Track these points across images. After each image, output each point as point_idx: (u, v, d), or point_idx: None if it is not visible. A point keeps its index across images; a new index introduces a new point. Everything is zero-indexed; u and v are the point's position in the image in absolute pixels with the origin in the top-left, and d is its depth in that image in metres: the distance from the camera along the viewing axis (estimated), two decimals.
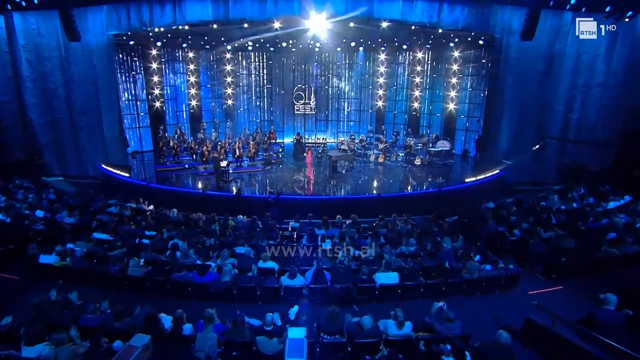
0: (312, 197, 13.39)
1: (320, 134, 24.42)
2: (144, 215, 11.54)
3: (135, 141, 20.67)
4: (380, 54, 22.62)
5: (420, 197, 14.13)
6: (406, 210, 13.34)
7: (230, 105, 23.42)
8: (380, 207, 13.35)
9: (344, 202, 13.31)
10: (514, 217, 11.24)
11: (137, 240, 8.80)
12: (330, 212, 12.54)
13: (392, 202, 13.53)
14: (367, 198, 13.42)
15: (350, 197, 13.52)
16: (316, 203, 12.94)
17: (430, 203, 14.06)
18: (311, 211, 12.47)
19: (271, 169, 17.88)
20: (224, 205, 12.79)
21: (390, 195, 13.74)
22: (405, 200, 13.86)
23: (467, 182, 15.60)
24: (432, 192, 14.32)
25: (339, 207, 12.95)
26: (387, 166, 18.25)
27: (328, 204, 13.05)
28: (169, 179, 15.98)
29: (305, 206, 12.79)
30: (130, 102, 20.27)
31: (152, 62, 20.32)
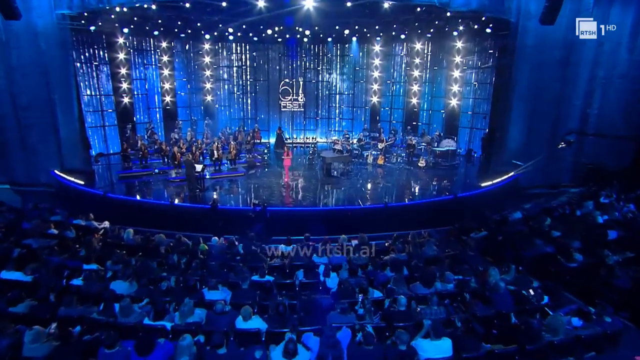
0: (306, 209, 10.85)
1: (310, 133, 21.87)
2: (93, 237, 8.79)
3: (100, 142, 17.75)
4: (375, 45, 20.19)
5: (432, 206, 11.75)
6: (417, 222, 11.02)
7: (209, 102, 20.63)
8: (387, 219, 10.94)
9: (344, 215, 10.81)
10: (556, 231, 8.98)
11: (65, 281, 6.08)
12: (328, 227, 10.08)
13: (401, 213, 11.13)
14: (372, 209, 10.93)
15: (351, 208, 10.97)
16: (310, 216, 10.43)
17: (444, 213, 11.72)
18: (305, 226, 9.96)
19: (255, 173, 15.25)
20: (196, 221, 10.16)
21: (399, 205, 11.31)
22: (415, 211, 11.46)
23: (483, 187, 13.32)
24: (447, 200, 11.97)
25: (339, 221, 10.47)
26: (387, 169, 15.83)
27: (325, 217, 10.54)
28: (132, 187, 13.20)
29: (297, 220, 10.27)
30: (93, 97, 17.35)
31: (119, 52, 17.41)
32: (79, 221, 9.29)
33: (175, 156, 13.72)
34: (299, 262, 7.23)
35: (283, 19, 15.44)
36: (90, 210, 10.46)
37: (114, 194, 11.80)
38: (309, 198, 12.13)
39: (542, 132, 15.18)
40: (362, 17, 16.02)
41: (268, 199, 11.70)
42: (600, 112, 15.24)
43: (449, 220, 11.50)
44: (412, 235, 8.64)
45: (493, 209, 13.09)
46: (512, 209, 13.05)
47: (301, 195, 12.45)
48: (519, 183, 15.05)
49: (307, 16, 14.34)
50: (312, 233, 10.00)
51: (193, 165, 11.95)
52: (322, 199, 12.03)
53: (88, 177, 14.00)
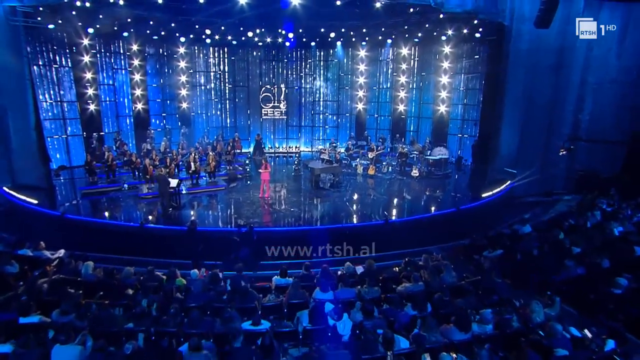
0: (297, 229, 9.45)
1: (293, 142, 20.53)
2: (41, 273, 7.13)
3: (62, 154, 15.77)
4: (360, 50, 19.16)
5: (435, 220, 10.64)
6: (420, 238, 9.90)
7: (184, 109, 18.95)
8: (389, 236, 9.74)
9: (341, 233, 9.50)
10: (576, 247, 8.04)
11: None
12: (323, 248, 8.79)
13: (403, 229, 9.95)
14: (371, 226, 9.68)
15: (349, 227, 9.65)
16: (303, 237, 9.05)
17: (447, 227, 10.64)
18: (297, 248, 8.65)
19: (237, 186, 13.73)
20: (172, 245, 8.61)
21: (401, 221, 10.13)
22: (417, 226, 10.30)
23: (484, 198, 12.38)
24: (449, 213, 10.90)
25: (335, 241, 9.17)
26: (379, 179, 14.66)
27: (319, 236, 9.19)
28: (97, 205, 11.45)
29: (288, 242, 8.89)
30: (54, 104, 15.40)
31: (84, 55, 15.55)
32: (26, 251, 7.56)
33: (147, 169, 11.99)
34: (299, 299, 5.86)
35: (267, 20, 14.19)
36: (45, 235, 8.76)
37: (74, 215, 10.03)
38: (299, 215, 10.77)
39: (535, 138, 14.53)
40: (350, 18, 14.95)
41: (253, 218, 10.26)
42: (592, 118, 14.76)
43: (453, 236, 10.46)
44: (425, 258, 7.45)
45: (494, 221, 12.23)
46: (518, 221, 12.27)
47: (289, 211, 11.05)
48: (513, 192, 14.31)
49: (292, 16, 13.16)
50: (305, 255, 8.76)
51: (167, 180, 10.35)
52: (313, 216, 10.69)
53: (46, 194, 12.16)
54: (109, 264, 8.15)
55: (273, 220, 10.16)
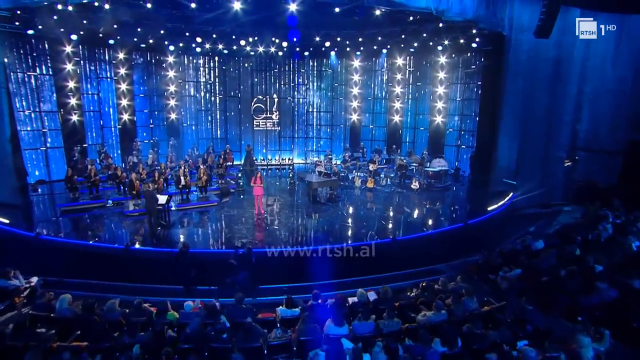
0: (299, 250, 8.61)
1: (286, 154, 19.79)
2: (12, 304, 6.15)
3: (41, 167, 14.66)
4: (354, 60, 18.67)
5: (443, 236, 9.97)
6: (428, 256, 9.24)
7: (173, 120, 18.04)
8: (396, 255, 9.03)
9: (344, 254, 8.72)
10: (598, 265, 7.46)
11: None
12: (328, 270, 8.02)
13: (411, 247, 9.25)
14: (378, 245, 8.93)
15: (353, 246, 8.85)
16: (305, 258, 8.25)
17: (455, 244, 9.99)
18: (299, 271, 7.86)
19: (229, 201, 12.83)
20: (161, 271, 7.70)
21: (409, 239, 9.42)
22: (425, 244, 9.61)
23: (490, 212, 11.82)
24: (457, 229, 10.26)
25: (341, 262, 8.41)
26: (378, 193, 13.96)
27: (323, 258, 8.41)
28: (78, 224, 10.41)
29: (290, 264, 8.10)
30: (33, 114, 14.35)
31: (67, 63, 14.56)
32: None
33: (133, 184, 10.99)
34: (311, 335, 5.05)
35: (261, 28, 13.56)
36: (17, 260, 7.77)
37: (50, 236, 8.99)
38: (298, 233, 9.93)
39: (534, 149, 14.20)
40: (346, 27, 14.46)
41: (250, 237, 9.39)
42: (589, 128, 14.53)
43: (461, 252, 9.82)
44: (442, 281, 6.73)
45: (500, 235, 11.67)
46: (523, 234, 11.74)
47: (288, 229, 10.19)
48: (514, 204, 13.86)
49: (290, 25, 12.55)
50: (308, 278, 7.96)
51: (155, 197, 9.39)
52: (313, 234, 9.88)
53: (21, 212, 11.06)
54: (89, 292, 7.23)
55: (271, 239, 9.30)
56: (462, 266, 9.21)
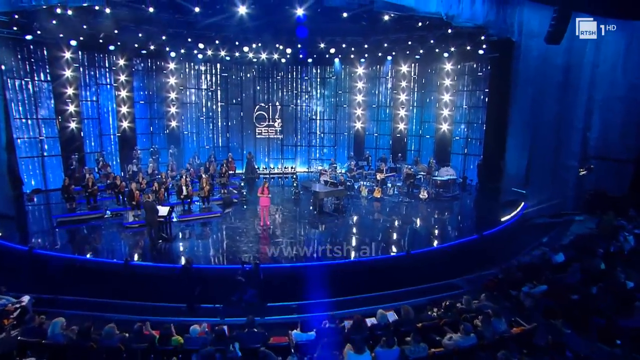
0: (308, 265, 8.11)
1: (288, 162, 19.36)
2: (1, 323, 5.64)
3: (37, 176, 14.18)
4: (358, 67, 18.35)
5: (457, 249, 9.50)
6: (443, 270, 8.77)
7: (174, 128, 17.62)
8: (410, 270, 8.56)
9: (357, 269, 8.24)
10: (630, 281, 7.01)
11: None
12: (340, 286, 7.55)
13: (425, 261, 8.78)
14: (391, 259, 8.46)
15: (364, 261, 8.36)
16: (315, 274, 7.77)
17: (470, 256, 9.53)
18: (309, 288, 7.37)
19: (232, 212, 12.29)
20: (162, 287, 7.19)
21: (423, 252, 8.95)
22: (440, 257, 9.15)
23: (503, 222, 11.39)
24: (472, 241, 9.80)
25: (352, 278, 7.94)
26: (386, 203, 13.49)
27: (335, 273, 7.94)
28: (74, 237, 9.88)
29: (298, 280, 7.60)
30: (30, 121, 13.91)
31: (65, 69, 14.18)
32: None
33: (132, 194, 10.47)
34: None
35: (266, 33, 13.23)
36: (8, 276, 7.28)
37: (45, 250, 8.45)
38: (306, 246, 9.38)
39: (543, 157, 13.83)
40: (351, 34, 14.17)
41: (255, 251, 8.88)
42: (599, 135, 14.20)
43: (475, 265, 9.36)
44: (466, 300, 6.25)
45: (513, 247, 11.24)
46: (537, 246, 11.33)
47: (295, 242, 9.62)
48: (525, 214, 13.45)
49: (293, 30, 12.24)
50: (319, 295, 7.46)
51: (155, 209, 8.88)
52: (322, 247, 9.37)
53: (15, 223, 10.56)
54: (85, 310, 6.72)
55: (278, 254, 8.78)
56: (480, 281, 8.75)
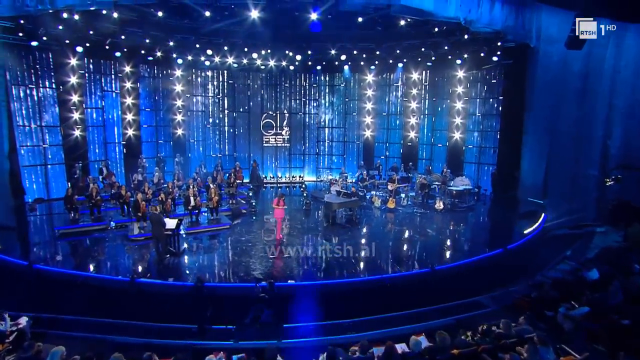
0: (327, 283, 7.57)
1: (296, 171, 18.91)
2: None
3: (40, 185, 13.78)
4: (367, 75, 17.96)
5: (481, 264, 8.96)
6: (465, 287, 8.24)
7: (180, 136, 17.23)
8: (434, 287, 8.02)
9: (378, 287, 7.68)
10: None
11: None
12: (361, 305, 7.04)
13: (451, 277, 8.24)
14: (415, 276, 7.93)
15: (389, 277, 7.80)
16: (334, 292, 7.26)
17: (493, 272, 8.99)
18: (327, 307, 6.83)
19: (241, 223, 11.75)
20: (171, 307, 6.67)
21: (448, 268, 8.41)
22: (465, 273, 8.60)
23: (527, 235, 10.86)
24: (496, 255, 9.26)
25: (374, 296, 7.40)
26: (400, 214, 12.95)
27: (355, 291, 7.41)
28: (77, 250, 9.39)
29: (318, 299, 7.07)
30: (33, 128, 13.55)
31: (71, 76, 13.87)
32: None
33: (138, 205, 9.95)
34: None
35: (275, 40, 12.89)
36: (6, 293, 6.81)
37: (46, 265, 7.94)
38: (322, 261, 8.82)
39: (562, 166, 13.33)
40: (364, 40, 13.81)
41: (271, 267, 8.34)
42: (621, 143, 13.69)
43: (498, 281, 8.82)
44: (504, 323, 5.69)
45: (537, 260, 10.69)
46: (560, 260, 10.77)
47: (311, 257, 9.01)
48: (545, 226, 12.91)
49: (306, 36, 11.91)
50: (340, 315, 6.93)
51: (162, 221, 8.38)
52: (340, 263, 8.82)
53: (15, 235, 10.11)
54: (88, 332, 6.21)
55: (293, 270, 8.25)
56: (506, 298, 8.19)
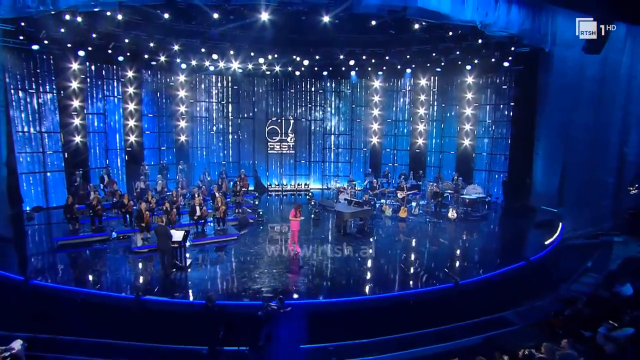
0: (346, 301, 7.06)
1: (302, 179, 18.46)
2: None
3: (39, 193, 13.29)
4: (374, 81, 17.60)
5: (505, 278, 8.49)
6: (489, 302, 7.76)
7: (183, 142, 16.80)
8: (458, 303, 7.54)
9: (399, 303, 7.19)
10: None
11: None
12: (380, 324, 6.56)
13: (474, 292, 7.77)
14: (438, 291, 7.45)
15: (412, 294, 7.29)
16: (352, 310, 6.77)
17: (516, 285, 8.51)
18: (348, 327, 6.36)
19: (248, 233, 11.24)
20: (180, 327, 6.17)
21: (472, 282, 7.94)
22: (488, 287, 8.13)
23: (548, 246, 10.41)
24: (519, 268, 8.79)
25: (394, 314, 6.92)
26: (412, 223, 12.46)
27: (375, 309, 6.93)
28: (76, 262, 8.87)
29: (332, 317, 6.60)
30: (33, 134, 13.09)
31: (72, 80, 13.47)
32: None
33: (142, 215, 9.42)
34: None
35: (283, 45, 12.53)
36: (1, 311, 6.31)
37: (43, 280, 7.41)
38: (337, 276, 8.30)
39: (577, 173, 12.95)
40: (373, 45, 13.49)
41: (285, 283, 7.81)
42: (639, 150, 13.34)
43: (521, 296, 8.35)
44: (547, 348, 5.21)
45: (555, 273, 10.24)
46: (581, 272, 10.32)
47: (325, 271, 8.49)
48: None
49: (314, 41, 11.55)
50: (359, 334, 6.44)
51: (168, 233, 7.86)
52: (356, 277, 8.33)
53: (11, 246, 9.60)
54: (88, 355, 5.71)
55: (309, 286, 7.73)
56: (532, 314, 7.72)
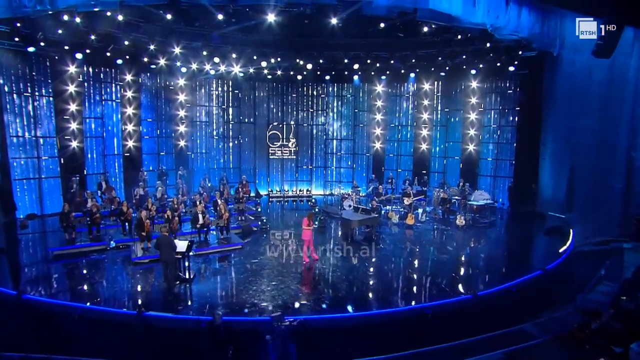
0: (360, 316, 6.65)
1: (303, 185, 18.11)
2: None
3: (33, 199, 12.80)
4: (377, 85, 17.35)
5: (522, 288, 8.15)
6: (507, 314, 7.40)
7: (182, 148, 16.39)
8: (474, 314, 7.18)
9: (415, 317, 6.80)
10: None
11: None
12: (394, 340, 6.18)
13: (492, 304, 7.42)
14: (456, 303, 7.10)
15: (429, 307, 6.90)
16: (366, 326, 6.39)
17: (533, 296, 8.19)
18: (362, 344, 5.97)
19: (252, 241, 10.80)
20: (186, 345, 5.75)
21: (490, 293, 7.59)
22: (504, 298, 7.78)
23: (563, 254, 10.12)
24: (536, 277, 8.46)
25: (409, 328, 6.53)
26: (420, 230, 12.12)
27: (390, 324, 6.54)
28: (73, 274, 8.40)
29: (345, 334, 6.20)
30: (27, 139, 12.63)
31: (69, 84, 13.06)
32: None
33: (142, 224, 8.95)
34: None
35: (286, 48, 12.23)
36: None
37: (37, 294, 6.93)
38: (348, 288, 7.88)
39: (585, 178, 12.74)
40: (378, 48, 13.24)
41: (297, 296, 7.39)
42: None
43: (539, 306, 8.03)
44: None
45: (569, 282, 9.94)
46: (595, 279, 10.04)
47: (336, 283, 8.08)
48: None
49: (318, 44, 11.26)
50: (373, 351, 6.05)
51: (172, 244, 7.43)
52: (363, 288, 7.94)
53: (6, 255, 9.14)
54: None
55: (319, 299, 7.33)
56: (553, 326, 7.38)
